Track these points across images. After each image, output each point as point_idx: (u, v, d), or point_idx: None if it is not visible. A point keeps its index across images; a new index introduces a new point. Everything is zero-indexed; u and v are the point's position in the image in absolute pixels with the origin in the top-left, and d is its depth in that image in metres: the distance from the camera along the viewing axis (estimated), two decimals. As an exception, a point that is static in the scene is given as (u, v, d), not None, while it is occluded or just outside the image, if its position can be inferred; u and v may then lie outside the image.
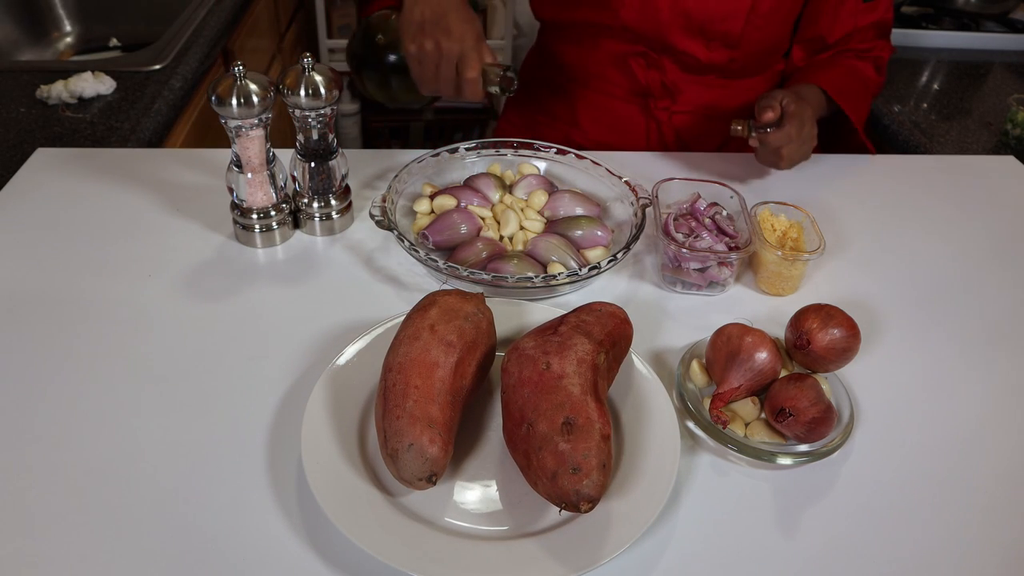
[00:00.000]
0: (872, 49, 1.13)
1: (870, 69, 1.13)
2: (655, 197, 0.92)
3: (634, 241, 0.86)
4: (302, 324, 0.81)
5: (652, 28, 1.08)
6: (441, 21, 0.86)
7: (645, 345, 0.80)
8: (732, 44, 1.08)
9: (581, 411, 0.59)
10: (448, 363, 0.63)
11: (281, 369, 0.76)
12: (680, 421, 0.71)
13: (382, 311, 0.81)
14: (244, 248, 0.92)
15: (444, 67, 0.87)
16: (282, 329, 0.81)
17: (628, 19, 1.07)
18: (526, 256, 0.87)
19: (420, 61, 0.88)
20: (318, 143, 0.90)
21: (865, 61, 1.13)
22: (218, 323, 0.81)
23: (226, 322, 0.82)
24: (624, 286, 0.90)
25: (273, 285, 0.87)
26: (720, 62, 1.10)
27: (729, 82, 1.13)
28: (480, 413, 0.71)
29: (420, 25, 0.86)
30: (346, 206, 0.95)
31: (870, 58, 1.13)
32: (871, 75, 1.13)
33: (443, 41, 0.85)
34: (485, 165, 1.01)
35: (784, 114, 0.98)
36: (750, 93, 1.16)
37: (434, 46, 0.86)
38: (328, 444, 0.65)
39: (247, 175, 0.88)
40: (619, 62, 1.13)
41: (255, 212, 0.90)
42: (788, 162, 1.00)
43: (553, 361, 0.62)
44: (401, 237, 0.83)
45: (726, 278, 0.88)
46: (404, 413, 0.60)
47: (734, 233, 0.89)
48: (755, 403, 0.72)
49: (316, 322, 0.81)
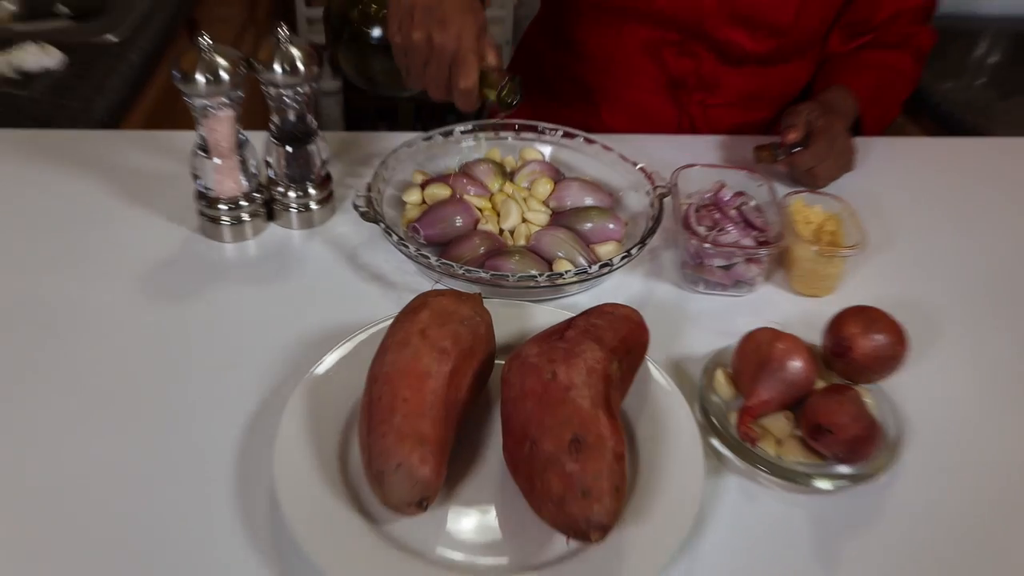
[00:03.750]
0: (913, 36, 1.14)
1: (908, 60, 1.14)
2: (674, 185, 0.92)
3: (650, 235, 0.86)
4: (276, 329, 0.81)
5: (691, 15, 1.07)
6: (436, 9, 0.79)
7: (663, 352, 0.80)
8: (780, 33, 1.08)
9: (591, 427, 0.59)
10: (441, 373, 0.63)
11: (252, 380, 0.76)
12: (703, 438, 0.71)
13: (367, 314, 0.81)
14: (211, 243, 0.92)
15: (434, 66, 0.81)
16: (253, 335, 0.81)
17: (664, 4, 1.06)
18: (529, 252, 0.87)
19: (406, 54, 0.83)
20: (295, 125, 0.90)
21: (903, 51, 1.14)
22: (180, 328, 0.81)
23: (189, 327, 0.81)
24: (639, 286, 0.90)
25: (243, 285, 0.87)
26: (763, 51, 1.10)
27: (768, 69, 1.14)
28: (477, 429, 0.71)
29: (409, 10, 0.80)
30: (326, 196, 0.95)
31: (910, 47, 1.14)
32: (908, 68, 1.14)
33: (436, 34, 0.79)
34: (483, 150, 1.01)
35: (812, 131, 0.99)
36: (791, 79, 1.16)
37: (424, 39, 0.79)
38: (304, 465, 0.65)
39: (214, 161, 0.88)
40: (649, 51, 1.12)
41: (223, 202, 0.90)
42: (824, 180, 1.01)
43: (559, 370, 0.62)
44: (388, 230, 0.83)
45: (754, 277, 0.88)
46: (391, 430, 0.60)
47: (763, 226, 0.89)
48: (788, 418, 0.72)
49: (292, 327, 0.81)
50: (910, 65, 1.14)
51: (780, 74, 1.15)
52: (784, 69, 1.14)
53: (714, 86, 1.15)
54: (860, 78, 1.11)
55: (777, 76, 1.15)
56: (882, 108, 1.13)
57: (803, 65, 1.16)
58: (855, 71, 1.12)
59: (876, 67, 1.12)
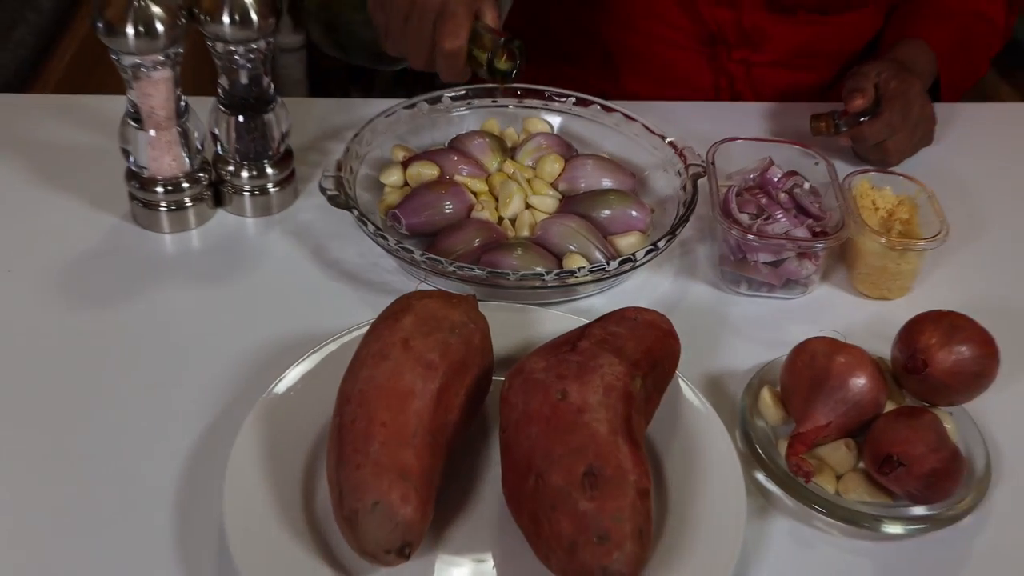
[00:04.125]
0: None
1: (999, 6, 1.13)
2: (711, 164, 0.92)
3: (682, 224, 0.86)
4: (226, 338, 0.81)
5: None
6: None
7: (697, 367, 0.80)
8: None
9: (609, 457, 0.59)
10: (427, 391, 0.64)
11: (196, 401, 0.76)
12: (746, 472, 0.71)
13: (337, 320, 0.81)
14: (145, 233, 0.92)
15: (416, 22, 0.80)
16: (198, 346, 0.81)
17: None
18: (534, 245, 0.87)
19: (382, 6, 0.83)
20: (248, 89, 0.90)
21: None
22: (108, 339, 0.81)
23: (119, 337, 0.81)
24: (668, 286, 0.90)
25: (185, 285, 0.87)
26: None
27: (826, 19, 1.13)
28: (471, 460, 0.71)
29: None
30: (287, 176, 0.95)
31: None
32: (999, 15, 1.13)
33: None
34: (479, 121, 1.01)
35: (881, 96, 0.98)
36: (854, 31, 1.16)
37: None
38: (261, 504, 0.65)
39: (149, 133, 0.88)
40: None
41: (161, 184, 0.90)
42: (896, 156, 1.01)
43: (571, 388, 0.62)
44: (363, 218, 0.83)
45: (809, 275, 0.88)
46: (366, 461, 0.60)
47: (820, 213, 0.89)
48: (850, 448, 0.72)
49: (245, 336, 0.81)
50: (1002, 12, 1.14)
51: (841, 25, 1.15)
52: (846, 18, 1.14)
53: (759, 41, 1.15)
54: (940, 29, 1.10)
55: (837, 27, 1.15)
56: (968, 66, 1.12)
57: (869, 14, 1.16)
58: (934, 20, 1.12)
59: (960, 15, 1.12)
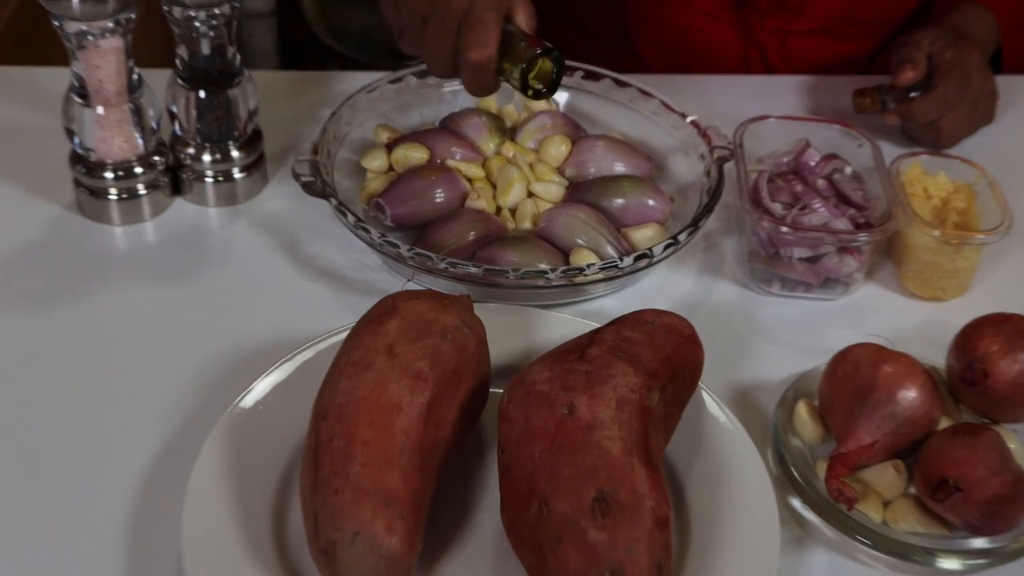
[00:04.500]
0: None
1: None
2: (739, 146, 0.92)
3: (706, 215, 0.86)
4: (185, 345, 0.81)
5: None
6: None
7: (724, 377, 0.81)
8: None
9: (623, 481, 0.60)
10: (415, 405, 0.64)
11: (152, 416, 0.76)
12: (779, 498, 0.71)
13: (312, 324, 0.81)
14: (92, 225, 0.93)
15: (437, 25, 0.80)
16: (153, 353, 0.81)
17: None
18: (537, 239, 0.88)
19: (396, 6, 0.83)
20: (210, 61, 0.90)
21: None
22: (47, 344, 0.82)
23: (60, 342, 0.82)
24: (690, 286, 0.90)
25: (138, 283, 0.87)
26: None
27: None
28: (465, 484, 0.72)
29: None
30: (255, 160, 0.96)
31: None
32: None
33: None
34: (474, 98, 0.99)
35: (935, 69, 0.99)
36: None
37: None
38: (225, 535, 0.65)
39: (97, 110, 0.88)
40: None
41: (110, 169, 0.91)
42: (952, 137, 1.01)
43: (579, 402, 0.63)
44: (342, 208, 0.84)
45: (851, 273, 0.88)
46: (346, 484, 0.60)
47: (864, 202, 0.89)
48: (900, 470, 0.72)
49: (208, 342, 0.81)
50: None
51: None
52: None
53: (796, 5, 1.15)
54: None
55: None
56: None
57: None
58: None
59: None
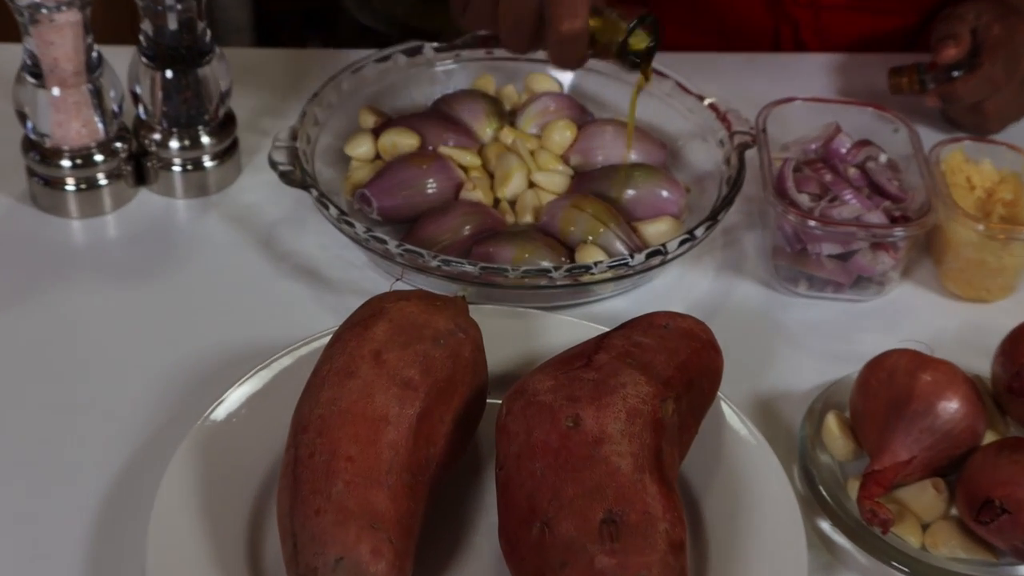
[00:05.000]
0: None
1: None
2: (763, 131, 0.92)
3: (725, 208, 0.86)
4: (150, 350, 0.81)
5: None
6: None
7: (745, 386, 0.81)
8: None
9: (634, 500, 0.59)
10: (404, 418, 0.64)
11: (113, 430, 0.76)
12: (807, 520, 0.71)
13: (291, 328, 0.81)
14: (48, 218, 0.93)
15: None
16: (116, 360, 0.81)
17: None
18: (539, 234, 0.88)
19: None
20: (178, 37, 0.90)
21: None
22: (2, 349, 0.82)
23: (14, 347, 0.82)
24: (708, 286, 0.90)
25: (99, 282, 0.87)
26: None
27: None
28: (460, 504, 0.72)
29: None
30: (228, 147, 0.95)
31: None
32: None
33: None
34: (470, 78, 1.01)
35: (980, 45, 0.98)
36: None
37: None
38: (194, 561, 0.65)
39: (52, 92, 0.88)
40: None
41: (68, 156, 0.91)
42: (998, 121, 1.01)
43: (585, 414, 0.62)
44: (323, 200, 0.84)
45: (886, 271, 0.88)
46: (328, 505, 0.60)
47: (899, 193, 0.89)
48: (940, 489, 0.72)
49: (176, 348, 0.82)
50: None
51: None
52: None
53: None
54: None
55: None
56: None
57: None
58: None
59: None
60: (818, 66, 1.13)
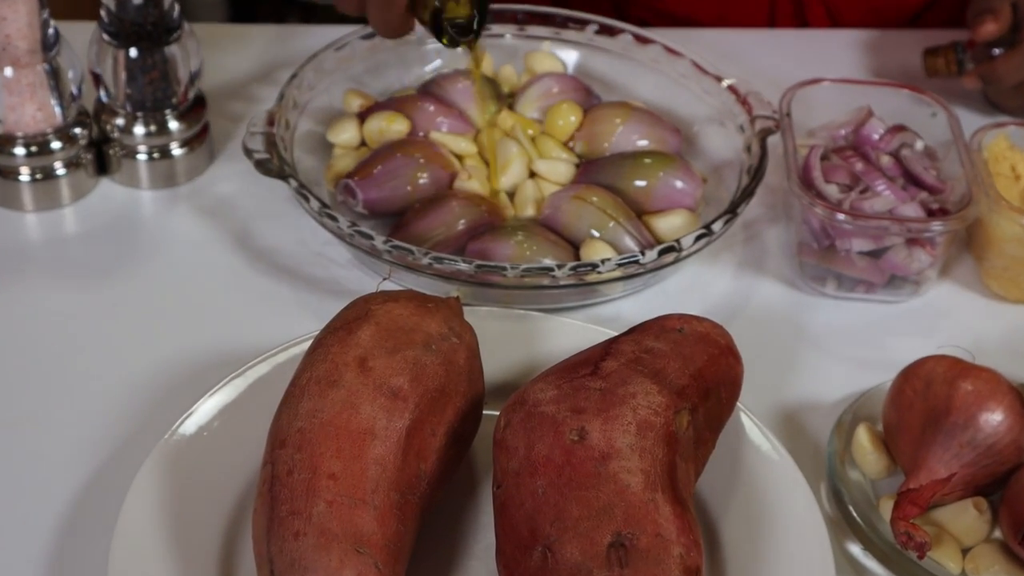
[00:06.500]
0: None
1: None
2: (786, 115, 0.92)
3: (745, 200, 0.86)
4: (114, 357, 0.82)
5: None
6: None
7: (768, 396, 0.81)
8: None
9: (645, 522, 0.59)
10: (392, 431, 0.64)
11: (73, 443, 0.76)
12: (835, 542, 0.70)
13: (267, 332, 0.81)
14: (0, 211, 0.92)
15: None
16: (74, 366, 0.81)
17: None
18: (541, 228, 0.88)
19: None
20: (143, 12, 0.90)
21: None
22: None
23: None
24: (726, 285, 0.90)
25: (56, 281, 0.87)
26: None
27: None
28: (453, 526, 0.72)
29: None
30: (198, 133, 0.96)
31: None
32: None
33: None
34: (464, 57, 1.00)
35: (1022, 20, 0.98)
36: None
37: None
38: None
39: (4, 72, 0.88)
40: None
41: (21, 143, 0.91)
42: None
43: (592, 427, 0.62)
44: (303, 191, 0.83)
45: (922, 269, 0.88)
46: (309, 527, 0.60)
47: (937, 184, 0.89)
48: (982, 510, 0.72)
49: (140, 352, 0.82)
50: None
51: None
52: None
53: None
54: None
55: None
56: None
57: None
58: None
59: None
60: (848, 43, 1.14)
